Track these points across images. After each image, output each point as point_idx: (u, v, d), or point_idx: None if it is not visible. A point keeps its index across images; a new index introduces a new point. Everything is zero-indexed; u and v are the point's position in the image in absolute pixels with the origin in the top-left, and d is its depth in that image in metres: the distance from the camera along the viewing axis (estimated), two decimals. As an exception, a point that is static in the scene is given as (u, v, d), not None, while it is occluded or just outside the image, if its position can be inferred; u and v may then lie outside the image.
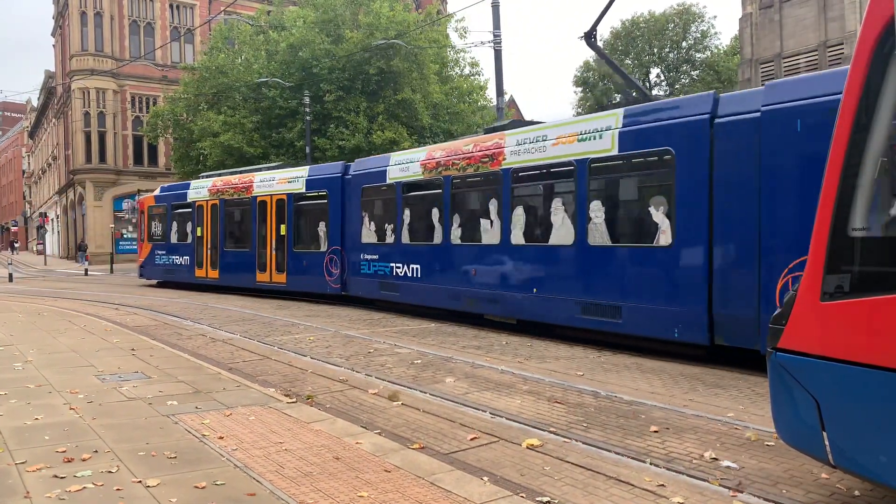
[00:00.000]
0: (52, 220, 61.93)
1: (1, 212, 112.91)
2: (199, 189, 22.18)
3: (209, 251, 21.55)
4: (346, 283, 17.04)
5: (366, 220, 16.09)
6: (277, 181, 19.14)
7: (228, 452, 5.30)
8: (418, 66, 31.95)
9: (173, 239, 23.27)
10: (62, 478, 4.72)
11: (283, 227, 18.78)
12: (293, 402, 6.99)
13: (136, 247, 41.78)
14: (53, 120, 59.69)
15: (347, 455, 5.26)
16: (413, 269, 14.50)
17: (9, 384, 7.73)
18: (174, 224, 23.26)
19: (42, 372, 8.50)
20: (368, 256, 15.92)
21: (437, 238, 13.82)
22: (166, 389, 7.52)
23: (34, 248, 70.84)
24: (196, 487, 4.56)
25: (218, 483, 4.64)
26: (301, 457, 5.21)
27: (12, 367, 8.86)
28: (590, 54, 75.99)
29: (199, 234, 21.87)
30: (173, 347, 10.63)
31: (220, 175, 22.54)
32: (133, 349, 10.25)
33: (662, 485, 4.71)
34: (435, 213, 13.96)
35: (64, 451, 5.28)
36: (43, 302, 19.53)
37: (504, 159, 12.22)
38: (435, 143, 30.39)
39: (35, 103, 76.88)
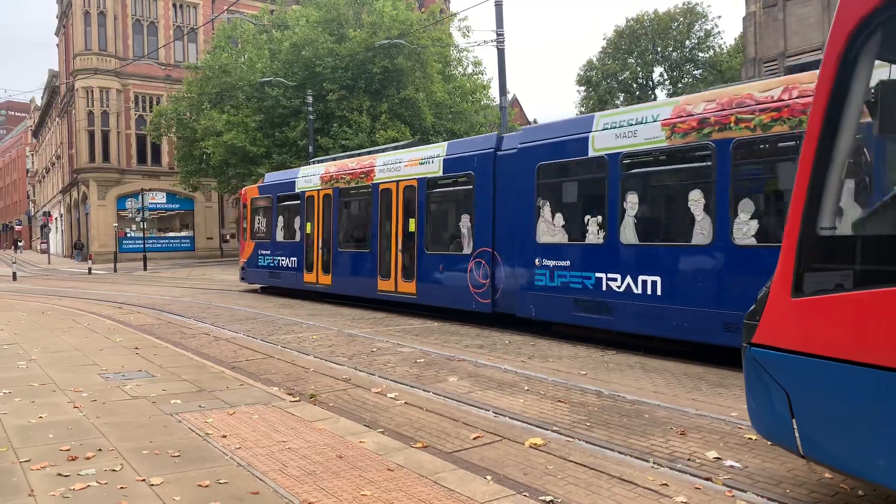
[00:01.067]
0: (56, 218, 62.06)
1: (5, 211, 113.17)
2: (310, 177, 18.56)
3: (320, 252, 17.81)
4: (498, 297, 12.66)
5: (545, 210, 11.55)
6: (405, 163, 15.07)
7: (232, 451, 5.31)
8: (421, 65, 31.96)
9: (279, 236, 19.68)
10: (66, 476, 4.73)
11: (411, 221, 14.66)
12: (296, 401, 7.00)
13: (139, 245, 42.01)
14: (57, 119, 59.84)
15: (351, 454, 5.26)
16: (645, 282, 9.87)
17: (13, 383, 7.75)
18: (280, 219, 19.74)
19: (46, 370, 8.52)
20: (551, 262, 11.36)
21: (703, 236, 9.19)
22: (170, 388, 7.53)
23: (38, 247, 71.03)
24: (200, 486, 4.57)
25: (221, 482, 4.65)
26: (304, 455, 5.22)
27: (16, 365, 8.89)
28: (593, 53, 75.72)
29: (308, 230, 18.26)
30: (177, 346, 10.64)
31: (334, 159, 19.11)
32: (136, 348, 10.27)
33: (665, 484, 4.71)
34: (695, 197, 9.32)
35: (68, 450, 5.29)
36: (46, 300, 19.58)
37: None
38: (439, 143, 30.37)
39: (39, 102, 77.06)
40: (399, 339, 11.47)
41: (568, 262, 11.18)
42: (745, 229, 8.82)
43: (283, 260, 19.50)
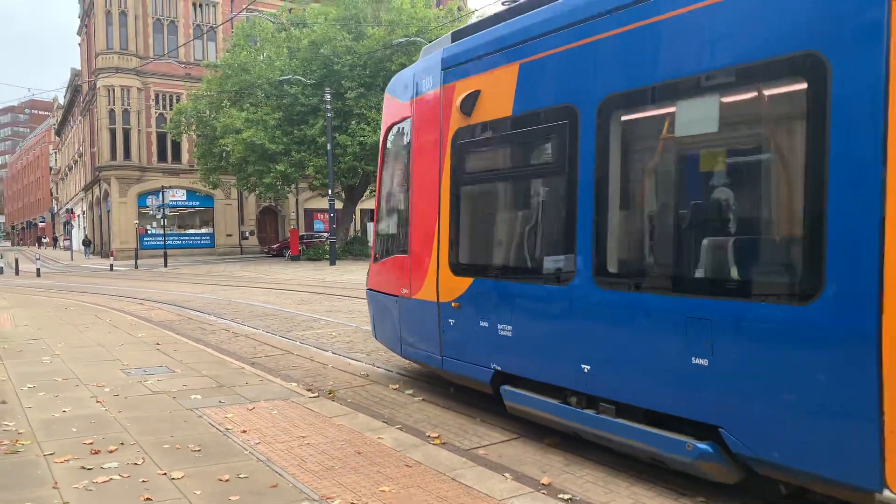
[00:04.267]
0: (78, 216, 62.85)
1: (29, 208, 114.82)
2: None
3: None
4: None
5: None
6: None
7: (251, 446, 5.35)
8: (439, 62, 31.92)
9: None
10: (89, 469, 4.79)
11: None
12: (315, 397, 7.04)
13: (160, 242, 42.34)
14: (79, 117, 60.56)
15: (369, 450, 5.28)
16: None
17: (37, 377, 7.87)
18: None
19: (69, 365, 8.64)
20: None
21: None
22: (190, 383, 7.60)
23: (61, 244, 72.01)
24: (220, 480, 4.61)
25: (241, 476, 4.69)
26: (323, 451, 5.24)
27: (41, 360, 9.02)
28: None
29: None
30: (197, 342, 10.74)
31: None
32: (157, 343, 10.37)
33: (686, 483, 4.67)
34: None
35: (91, 443, 5.37)
36: (69, 296, 19.84)
37: None
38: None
39: (62, 101, 78.07)
40: (417, 336, 11.47)
41: None
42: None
43: None
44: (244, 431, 5.73)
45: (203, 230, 48.35)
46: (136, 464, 4.93)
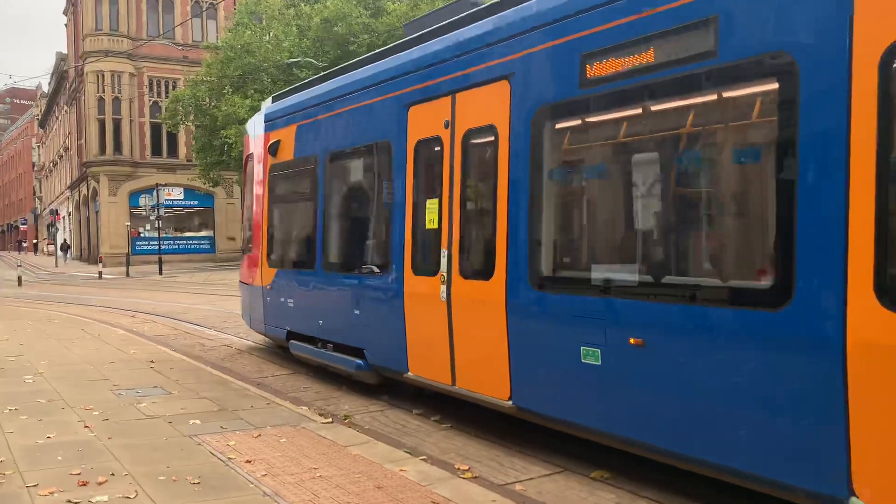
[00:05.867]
0: (64, 217, 63.99)
1: (9, 209, 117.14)
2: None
3: None
4: None
5: None
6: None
7: (257, 478, 5.38)
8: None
9: None
10: (76, 503, 4.86)
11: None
12: (328, 423, 7.06)
13: (154, 247, 42.70)
14: (65, 107, 61.75)
15: (390, 484, 5.28)
16: None
17: (19, 398, 8.01)
18: None
19: (54, 385, 8.78)
20: None
21: None
22: (188, 406, 7.68)
23: (43, 249, 73.36)
24: (222, 517, 4.64)
25: (246, 512, 4.72)
26: (338, 485, 5.26)
27: (23, 379, 9.19)
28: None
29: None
30: (195, 359, 10.86)
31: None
32: (151, 361, 10.51)
33: (756, 526, 4.60)
34: None
35: (78, 474, 5.44)
36: (54, 308, 20.20)
37: None
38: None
39: (46, 89, 79.66)
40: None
41: None
42: None
43: None
44: (249, 461, 5.78)
45: (202, 233, 48.91)
46: (127, 497, 4.98)
